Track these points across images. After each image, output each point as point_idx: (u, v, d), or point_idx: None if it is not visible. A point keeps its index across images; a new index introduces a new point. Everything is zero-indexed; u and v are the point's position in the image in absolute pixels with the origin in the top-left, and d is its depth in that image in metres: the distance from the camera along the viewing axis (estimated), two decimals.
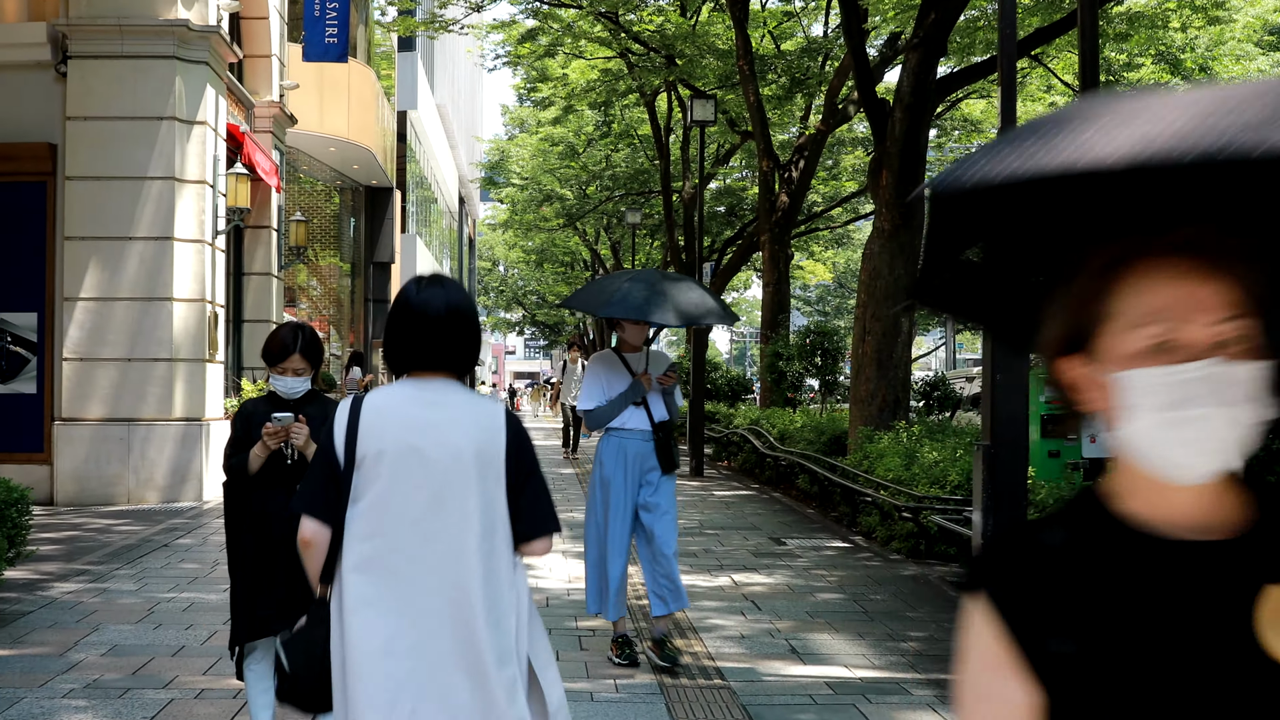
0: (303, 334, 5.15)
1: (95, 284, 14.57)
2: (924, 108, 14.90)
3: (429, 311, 3.32)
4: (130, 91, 14.69)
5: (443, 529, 3.23)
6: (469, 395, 3.39)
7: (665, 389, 7.26)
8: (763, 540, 12.18)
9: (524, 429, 3.43)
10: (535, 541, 3.36)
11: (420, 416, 3.30)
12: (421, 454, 3.25)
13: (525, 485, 3.35)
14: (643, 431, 7.18)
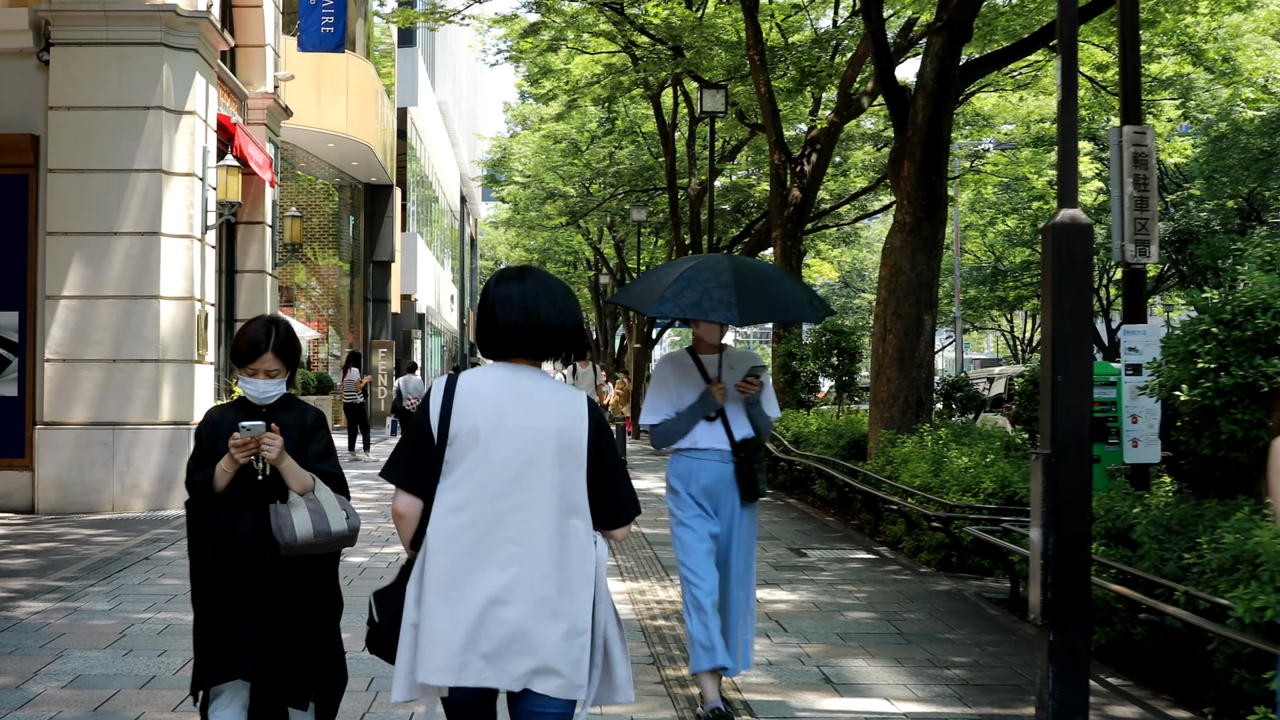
0: (276, 330, 4.47)
1: (79, 281, 13.89)
2: (947, 94, 14.20)
3: (501, 306, 3.57)
4: (116, 80, 14.01)
5: (521, 505, 3.44)
6: (553, 383, 3.61)
7: (748, 398, 6.01)
8: (782, 551, 11.48)
9: (605, 418, 3.65)
10: (618, 528, 3.61)
11: (509, 399, 3.50)
12: (509, 434, 3.45)
13: (610, 473, 3.54)
14: (719, 452, 5.98)
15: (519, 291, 3.57)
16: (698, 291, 5.80)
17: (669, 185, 31.80)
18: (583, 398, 3.60)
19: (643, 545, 11.66)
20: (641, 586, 9.43)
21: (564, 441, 3.47)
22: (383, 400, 36.33)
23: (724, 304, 5.75)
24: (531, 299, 3.55)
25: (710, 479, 5.99)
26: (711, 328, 6.05)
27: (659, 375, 6.15)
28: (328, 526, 4.40)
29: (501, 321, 3.54)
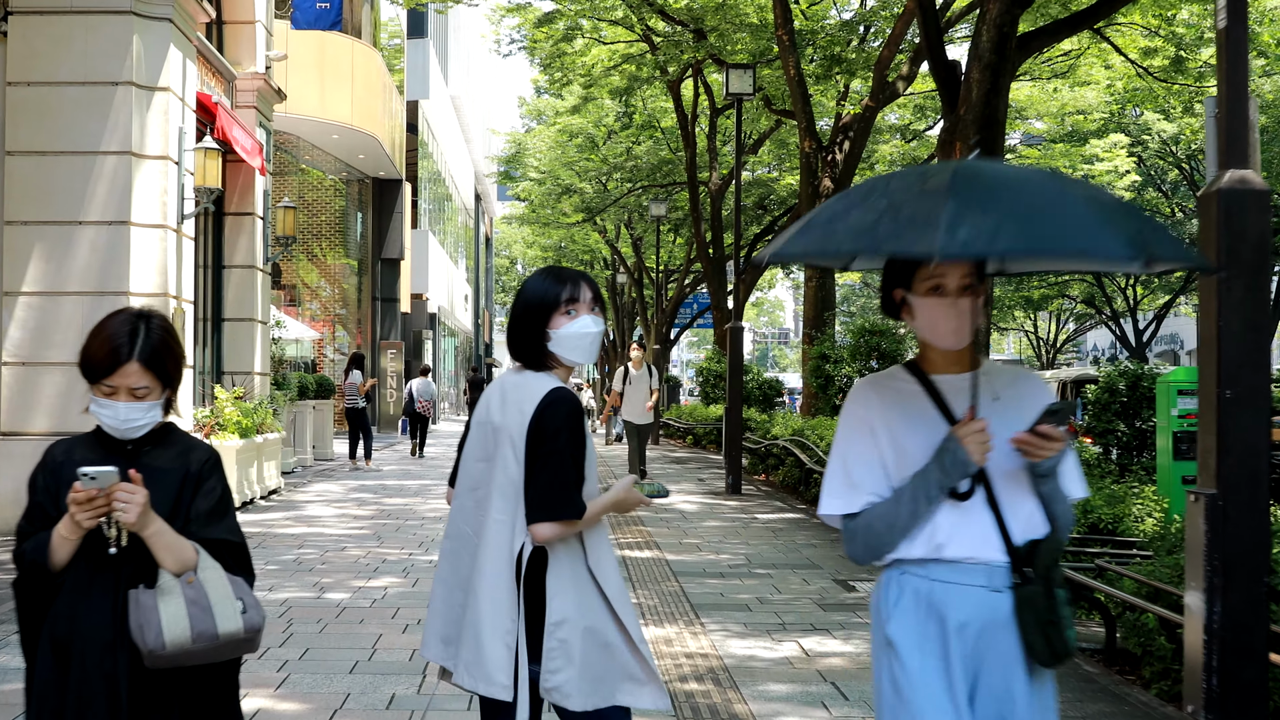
0: (146, 330, 3.05)
1: (39, 276, 12.50)
2: (1003, 68, 12.77)
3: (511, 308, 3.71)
4: (80, 52, 12.61)
5: (476, 501, 3.55)
6: (533, 380, 3.52)
7: (1042, 464, 2.98)
8: (827, 584, 10.01)
9: (560, 409, 3.43)
10: (536, 525, 3.36)
11: (496, 398, 3.59)
12: (483, 430, 3.57)
13: (537, 466, 3.38)
14: (982, 567, 3.00)
15: (519, 293, 3.66)
16: (876, 209, 2.81)
17: (689, 179, 30.40)
18: (541, 388, 3.48)
19: (666, 576, 10.21)
20: (667, 634, 7.98)
21: (512, 435, 3.45)
22: (391, 404, 34.97)
23: (921, 223, 2.71)
24: (516, 300, 3.66)
25: (965, 621, 2.98)
26: (951, 310, 2.96)
27: (853, 416, 3.15)
28: (213, 626, 2.96)
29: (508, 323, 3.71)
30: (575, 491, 3.38)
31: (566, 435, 3.40)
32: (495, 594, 3.38)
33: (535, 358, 3.54)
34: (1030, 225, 2.71)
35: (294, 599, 8.90)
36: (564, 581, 3.39)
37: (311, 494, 16.66)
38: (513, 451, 3.42)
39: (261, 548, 11.47)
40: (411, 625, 8.04)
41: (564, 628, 3.35)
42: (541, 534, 3.35)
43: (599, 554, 3.49)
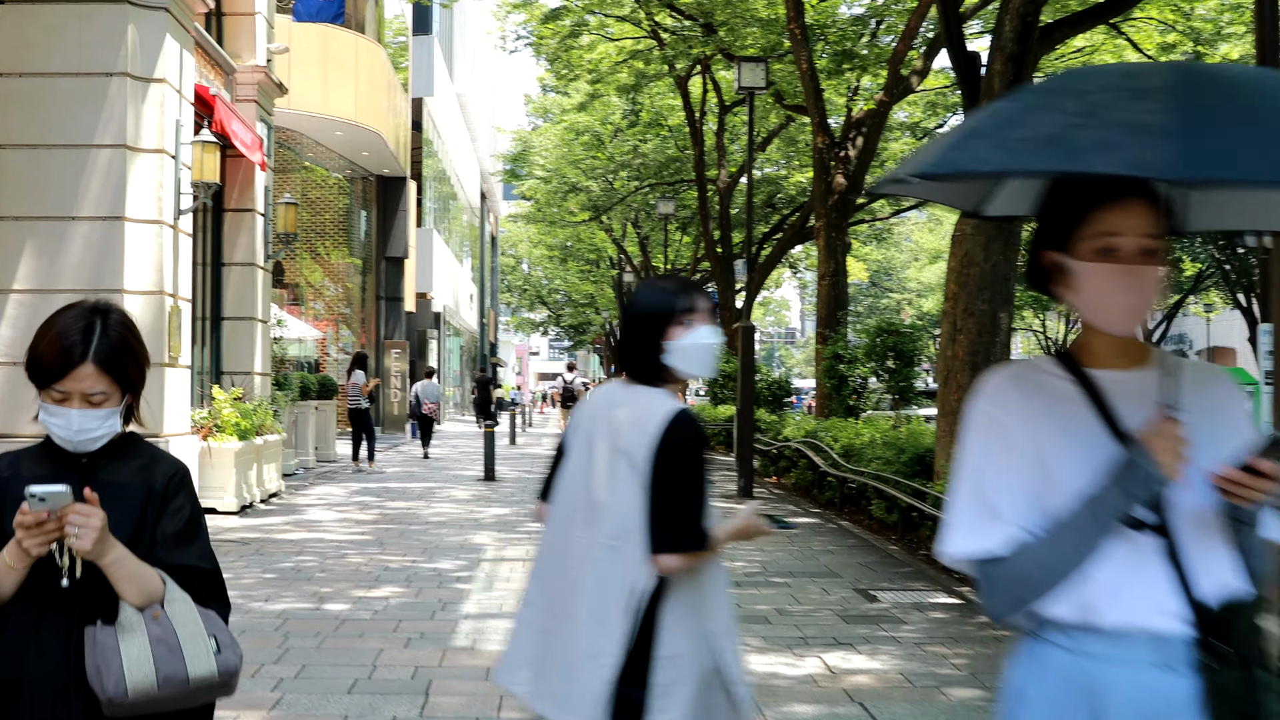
0: (102, 326, 2.64)
1: (31, 273, 12.11)
2: (1026, 59, 12.33)
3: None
4: (73, 42, 12.21)
5: (580, 523, 3.27)
6: (649, 396, 3.28)
7: (1245, 509, 2.17)
8: (848, 594, 9.60)
9: (688, 433, 3.19)
10: (662, 556, 3.12)
11: (604, 411, 3.33)
12: (592, 445, 3.29)
13: (665, 493, 3.15)
14: (1158, 639, 2.16)
15: (632, 299, 3.46)
16: (1067, 112, 2.08)
17: (697, 177, 30.01)
18: (665, 408, 3.22)
19: None
20: None
21: (630, 457, 3.19)
22: (395, 404, 34.59)
23: (1141, 131, 1.95)
24: (627, 308, 3.44)
25: (1128, 714, 2.17)
26: (1107, 277, 2.22)
27: (987, 421, 2.33)
28: (182, 669, 2.55)
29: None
30: (703, 520, 3.17)
31: (695, 461, 3.19)
32: (599, 623, 3.16)
33: (650, 371, 3.31)
34: None
35: (291, 610, 8.50)
36: (680, 614, 3.16)
37: (313, 497, 16.27)
38: (631, 471, 3.18)
39: (259, 555, 11.08)
40: (414, 639, 7.65)
41: (678, 664, 3.13)
42: (668, 565, 3.14)
43: (715, 585, 3.28)
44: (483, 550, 11.57)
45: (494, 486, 18.26)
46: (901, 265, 73.38)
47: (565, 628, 3.21)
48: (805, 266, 52.28)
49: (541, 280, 66.40)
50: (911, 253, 71.54)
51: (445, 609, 8.65)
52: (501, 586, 9.64)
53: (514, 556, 11.22)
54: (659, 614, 3.13)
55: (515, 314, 75.48)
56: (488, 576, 10.09)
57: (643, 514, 3.15)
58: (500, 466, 21.26)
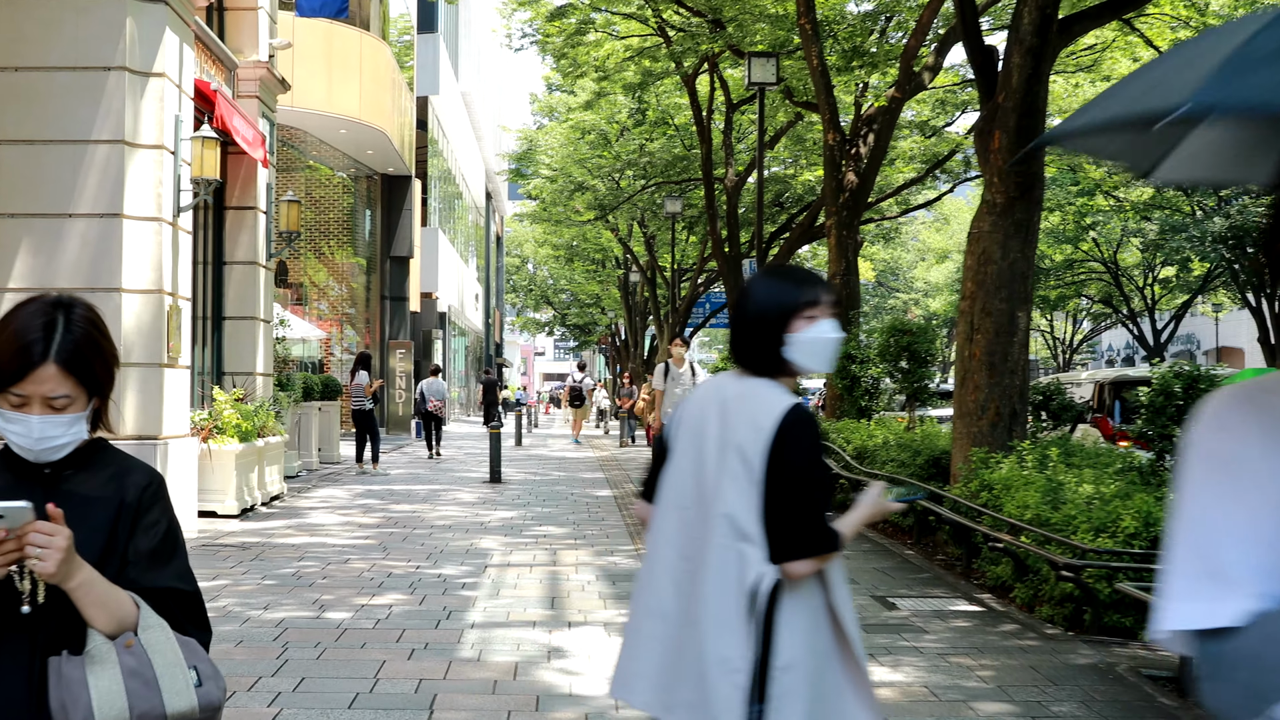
0: (66, 321, 2.37)
1: (26, 271, 11.84)
2: (1045, 52, 12.05)
3: (733, 306, 3.29)
4: (70, 36, 11.95)
5: (695, 520, 3.12)
6: (763, 390, 3.13)
7: None
8: (866, 601, 9.31)
9: (806, 430, 3.04)
10: (789, 563, 2.97)
11: (713, 405, 3.18)
12: (700, 441, 3.15)
13: (786, 495, 2.99)
14: None
15: (743, 290, 3.28)
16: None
17: (705, 175, 29.69)
18: (781, 404, 3.08)
19: None
20: None
21: (744, 455, 3.05)
22: (400, 404, 34.32)
23: None
24: (740, 299, 3.28)
25: None
26: None
27: (1215, 455, 1.74)
28: (159, 704, 2.28)
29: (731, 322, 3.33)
30: (828, 520, 3.03)
31: (815, 459, 3.06)
32: (724, 628, 2.99)
33: (770, 364, 3.15)
34: None
35: (291, 619, 8.22)
36: (798, 619, 3.00)
37: (315, 500, 15.99)
38: (744, 469, 3.02)
39: (259, 560, 10.80)
40: (418, 650, 7.36)
41: (793, 673, 2.96)
42: (796, 571, 2.99)
43: (839, 586, 3.11)
44: (489, 555, 11.29)
45: (500, 489, 17.98)
46: (908, 265, 73.07)
47: (689, 635, 3.05)
48: (812, 266, 51.96)
49: (547, 280, 66.10)
50: (918, 252, 71.24)
51: (450, 617, 8.37)
52: (508, 593, 9.35)
53: (520, 562, 10.93)
54: (776, 620, 2.97)
55: (520, 314, 75.17)
56: (494, 583, 9.80)
57: (759, 514, 3.00)
58: (506, 468, 20.99)
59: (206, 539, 12.09)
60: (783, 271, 3.34)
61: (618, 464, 23.89)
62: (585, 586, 9.71)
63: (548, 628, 8.09)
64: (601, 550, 11.67)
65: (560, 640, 7.72)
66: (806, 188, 34.39)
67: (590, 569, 10.58)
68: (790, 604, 2.98)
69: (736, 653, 2.96)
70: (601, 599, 9.19)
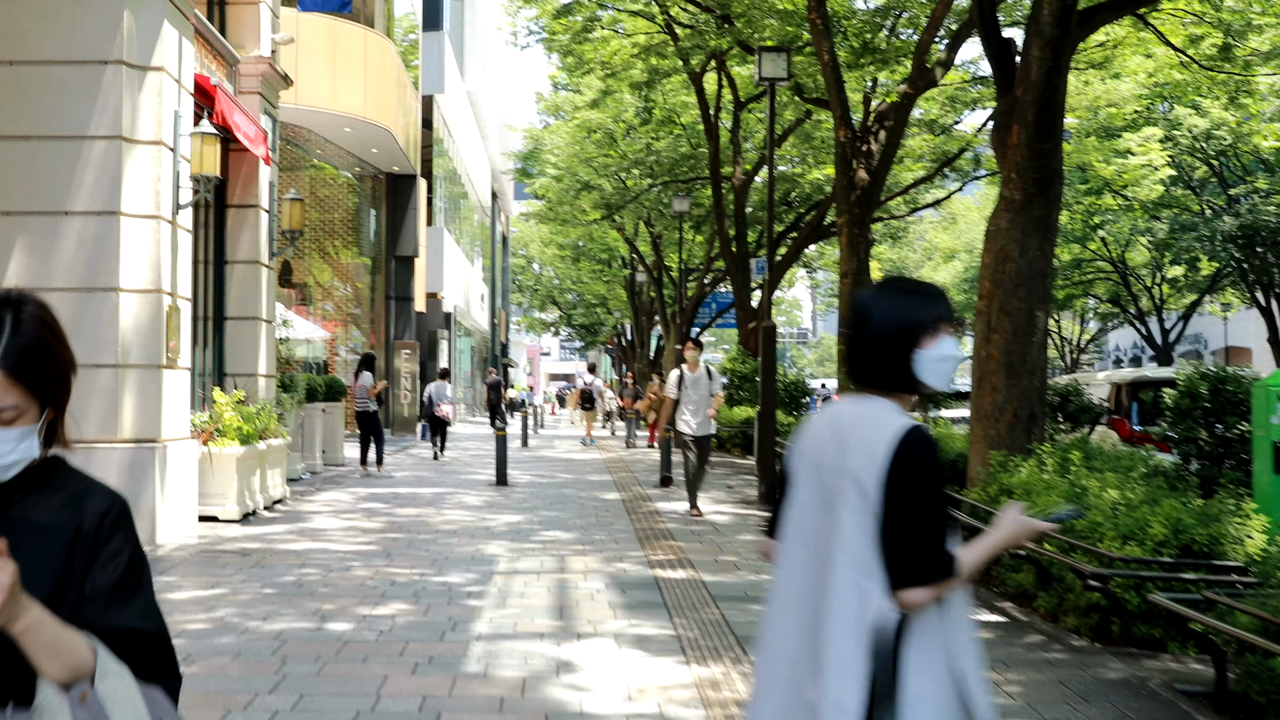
0: (14, 321, 2.07)
1: (21, 271, 11.56)
2: (1064, 44, 11.76)
3: (849, 318, 3.16)
4: (66, 29, 11.67)
5: (813, 559, 3.01)
6: (877, 411, 2.99)
7: None
8: None
9: (921, 451, 2.88)
10: (904, 591, 2.82)
11: (829, 432, 3.07)
12: (818, 472, 3.05)
13: (900, 520, 2.85)
14: None
15: (860, 301, 3.14)
16: None
17: (712, 174, 29.41)
18: (896, 426, 2.92)
19: (705, 601, 9.22)
20: (713, 674, 6.99)
21: (859, 481, 2.90)
22: (405, 405, 34.05)
23: None
24: (861, 310, 3.10)
25: None
26: None
27: None
28: None
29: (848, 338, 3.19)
30: (946, 546, 2.88)
31: (931, 482, 2.89)
32: (841, 670, 2.88)
33: (897, 382, 3.03)
34: None
35: (290, 631, 7.92)
36: (926, 654, 2.86)
37: (319, 504, 15.71)
38: (861, 499, 2.91)
39: (259, 567, 10.51)
40: (421, 664, 7.07)
41: (924, 709, 2.82)
42: (911, 600, 2.86)
43: (960, 617, 2.95)
44: (495, 562, 10.99)
45: (506, 492, 17.68)
46: (915, 265, 72.80)
47: (811, 676, 2.94)
48: (819, 265, 51.65)
49: (553, 280, 65.81)
50: (925, 252, 70.94)
51: (456, 629, 8.08)
52: (515, 603, 9.06)
53: (528, 569, 10.64)
54: (902, 654, 2.84)
55: (526, 314, 74.88)
56: (500, 592, 9.51)
57: (878, 544, 2.89)
58: (512, 470, 20.70)
59: (206, 544, 11.81)
60: (908, 286, 3.14)
61: (625, 466, 23.60)
62: (594, 595, 9.42)
63: (556, 640, 7.80)
64: (610, 557, 11.37)
65: (569, 653, 7.42)
66: (814, 186, 34.08)
67: (599, 576, 10.29)
68: (917, 637, 2.85)
69: (852, 696, 2.82)
70: (611, 608, 8.89)
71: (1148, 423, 15.51)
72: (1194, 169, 41.04)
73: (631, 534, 13.07)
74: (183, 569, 10.35)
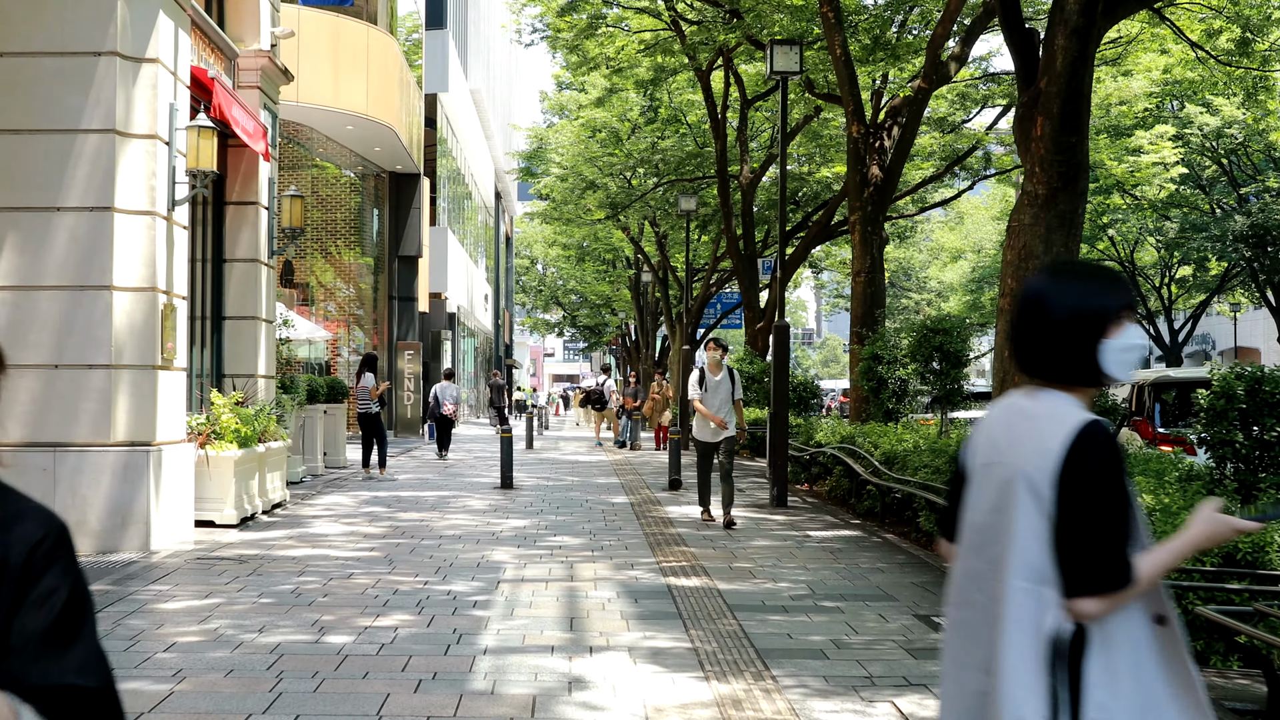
0: None
1: (11, 269, 11.20)
2: (1090, 33, 11.37)
3: (1021, 306, 2.92)
4: (58, 19, 11.30)
5: (988, 564, 2.83)
6: (1053, 406, 2.80)
7: None
8: (908, 620, 8.61)
9: (1098, 446, 2.67)
10: (1078, 600, 2.64)
11: (1001, 430, 2.90)
12: (989, 472, 2.88)
13: (1074, 523, 2.66)
14: None
15: (1035, 287, 2.90)
16: None
17: (719, 172, 29.01)
18: (1071, 421, 2.71)
19: (721, 611, 8.82)
20: (734, 691, 6.59)
21: (1031, 481, 2.72)
22: (409, 406, 33.68)
23: None
24: (1032, 296, 2.88)
25: None
26: None
27: None
28: None
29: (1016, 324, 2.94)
30: (1124, 552, 2.68)
31: (1110, 481, 2.68)
32: (1020, 683, 2.72)
33: (1079, 374, 2.82)
34: None
35: (287, 644, 7.53)
36: (1112, 666, 2.68)
37: (319, 507, 15.32)
38: (1034, 500, 2.74)
39: (257, 575, 10.12)
40: (425, 680, 6.68)
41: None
42: (1084, 610, 2.68)
43: (1144, 627, 2.75)
44: (501, 569, 10.60)
45: (511, 495, 17.30)
46: (921, 265, 72.33)
47: (992, 689, 2.79)
48: (825, 265, 51.27)
49: (557, 280, 65.43)
50: (931, 252, 70.49)
51: (461, 642, 7.68)
52: (523, 613, 8.67)
53: (535, 576, 10.25)
54: (1083, 667, 2.66)
55: (530, 315, 74.49)
56: (507, 601, 9.12)
57: (1051, 548, 2.70)
58: (517, 472, 20.32)
59: (202, 551, 11.42)
60: (1088, 270, 2.91)
61: (632, 468, 23.21)
62: (605, 605, 9.03)
63: (567, 654, 7.40)
64: (621, 564, 10.98)
65: (581, 668, 7.03)
66: (823, 185, 33.70)
67: (610, 584, 9.90)
68: (1101, 648, 2.66)
69: (1032, 711, 2.64)
70: (624, 619, 8.50)
71: (1171, 424, 15.10)
72: (1204, 168, 40.66)
73: (642, 539, 12.68)
74: (176, 577, 9.97)
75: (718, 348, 14.33)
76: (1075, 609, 2.66)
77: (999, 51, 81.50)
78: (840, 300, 69.59)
